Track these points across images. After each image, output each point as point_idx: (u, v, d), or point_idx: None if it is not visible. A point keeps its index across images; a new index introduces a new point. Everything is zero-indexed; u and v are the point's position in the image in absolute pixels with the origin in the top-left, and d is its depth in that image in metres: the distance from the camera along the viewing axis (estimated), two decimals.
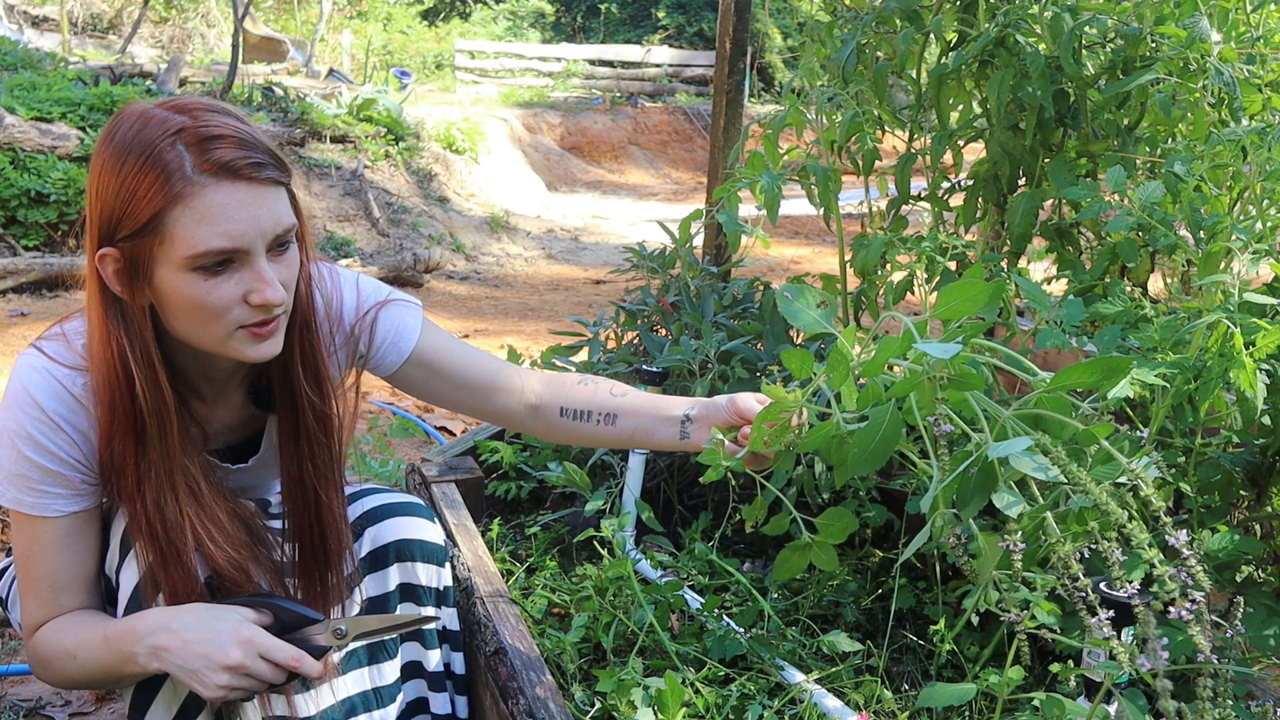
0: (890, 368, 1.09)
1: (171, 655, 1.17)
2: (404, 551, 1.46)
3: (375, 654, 1.45)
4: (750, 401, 1.31)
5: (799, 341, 2.22)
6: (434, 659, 1.51)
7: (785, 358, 1.14)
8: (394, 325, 1.40)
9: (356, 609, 1.42)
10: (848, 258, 2.10)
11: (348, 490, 1.48)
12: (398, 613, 1.46)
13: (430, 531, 1.49)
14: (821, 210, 2.11)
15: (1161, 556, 0.90)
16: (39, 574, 1.25)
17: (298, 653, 1.20)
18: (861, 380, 1.09)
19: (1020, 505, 0.94)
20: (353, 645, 1.41)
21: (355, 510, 1.46)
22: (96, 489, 1.25)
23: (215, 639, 1.17)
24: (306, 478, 1.32)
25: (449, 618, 1.53)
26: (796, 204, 5.50)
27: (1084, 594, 0.95)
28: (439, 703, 1.51)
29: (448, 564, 1.51)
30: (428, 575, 1.47)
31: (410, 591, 1.46)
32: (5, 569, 1.45)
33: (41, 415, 1.19)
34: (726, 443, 1.29)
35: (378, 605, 1.44)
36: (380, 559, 1.45)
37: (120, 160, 1.12)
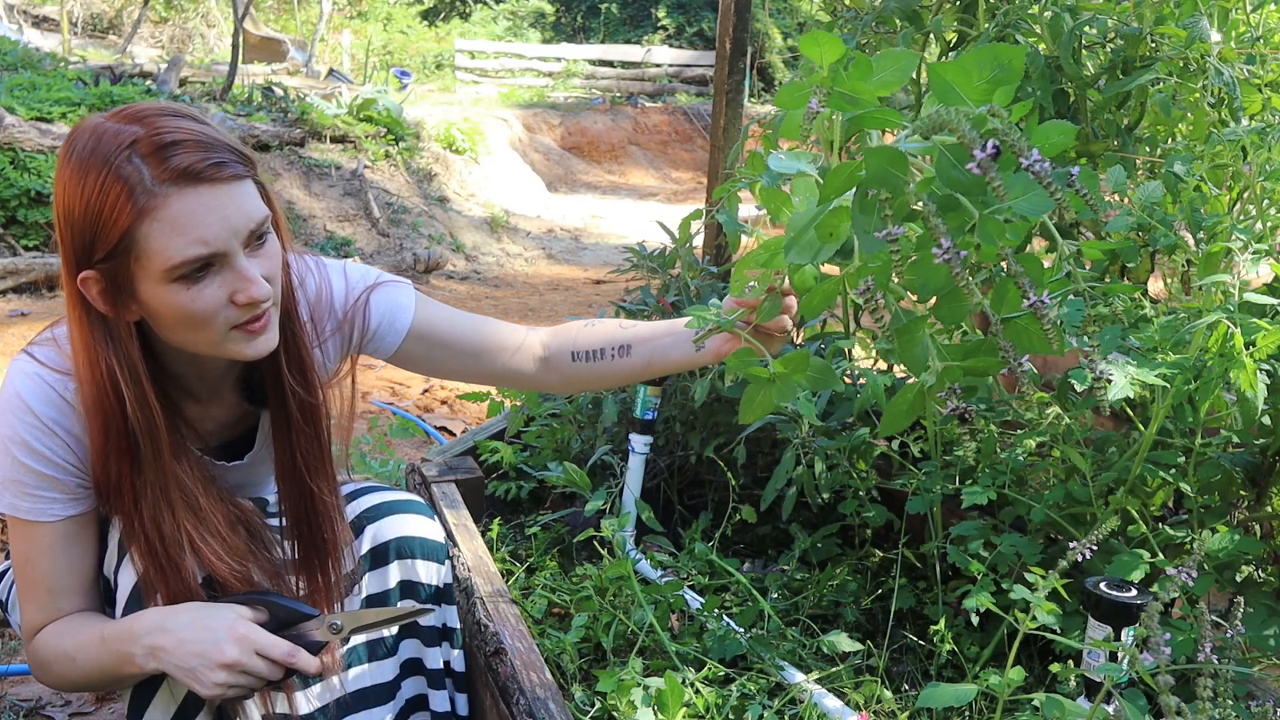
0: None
1: (168, 655, 1.17)
2: (404, 549, 1.46)
3: (375, 651, 1.45)
4: None
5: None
6: (433, 656, 1.51)
7: (761, 194, 1.11)
8: (388, 305, 1.39)
9: (358, 606, 1.42)
10: None
11: (349, 488, 1.48)
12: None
13: (430, 529, 1.49)
14: None
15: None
16: (37, 578, 1.25)
17: (293, 648, 1.20)
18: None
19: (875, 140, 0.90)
20: (350, 640, 1.41)
21: (356, 508, 1.46)
22: (92, 492, 1.25)
23: (211, 637, 1.17)
24: (298, 467, 1.32)
25: (449, 615, 1.53)
26: None
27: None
28: (438, 700, 1.51)
29: (448, 561, 1.51)
30: (428, 573, 1.47)
31: (410, 589, 1.46)
32: (5, 571, 1.45)
33: (35, 420, 1.19)
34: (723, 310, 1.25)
35: (378, 602, 1.44)
36: (380, 556, 1.45)
37: (80, 180, 1.08)
